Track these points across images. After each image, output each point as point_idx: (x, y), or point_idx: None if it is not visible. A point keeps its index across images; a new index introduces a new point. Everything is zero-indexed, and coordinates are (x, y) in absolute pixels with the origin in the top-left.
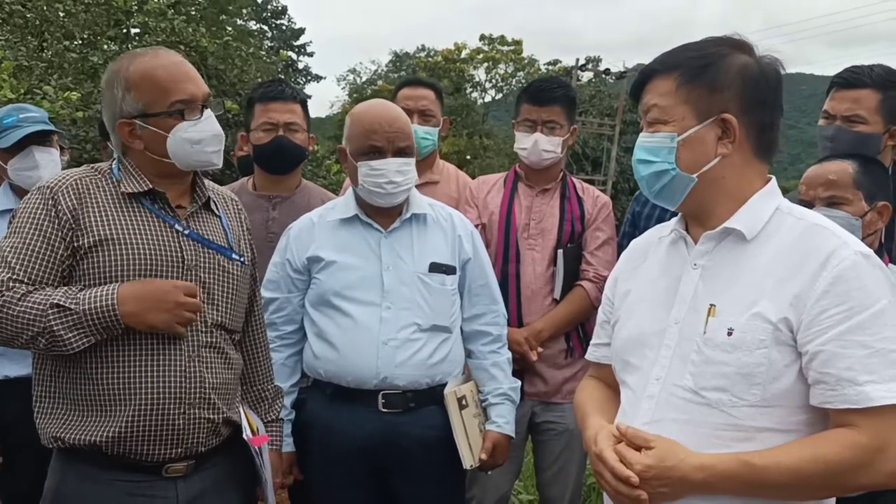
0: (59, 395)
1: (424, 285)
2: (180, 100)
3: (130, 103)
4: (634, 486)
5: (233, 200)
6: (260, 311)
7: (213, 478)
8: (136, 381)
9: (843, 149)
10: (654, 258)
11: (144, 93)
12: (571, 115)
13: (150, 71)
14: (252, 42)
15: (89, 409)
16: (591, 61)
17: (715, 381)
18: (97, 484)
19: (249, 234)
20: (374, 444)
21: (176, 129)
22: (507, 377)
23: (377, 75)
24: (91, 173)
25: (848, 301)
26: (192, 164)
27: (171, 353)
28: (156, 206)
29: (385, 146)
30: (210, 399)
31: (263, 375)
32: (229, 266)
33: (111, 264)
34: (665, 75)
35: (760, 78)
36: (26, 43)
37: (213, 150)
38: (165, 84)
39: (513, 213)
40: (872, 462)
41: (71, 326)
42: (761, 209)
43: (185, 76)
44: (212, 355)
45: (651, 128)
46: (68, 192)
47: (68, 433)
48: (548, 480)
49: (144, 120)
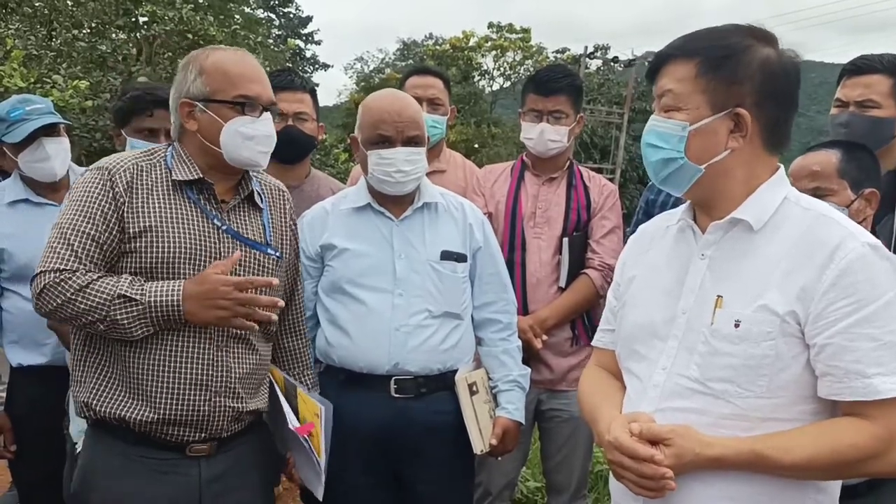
0: (95, 367)
1: (436, 273)
2: (245, 94)
3: (198, 86)
4: (659, 464)
5: (280, 191)
6: (301, 303)
7: (236, 458)
8: (166, 366)
9: (858, 134)
10: (660, 246)
11: (214, 80)
12: (577, 104)
13: (226, 63)
14: (260, 31)
15: (121, 385)
16: (599, 49)
17: (721, 373)
18: (125, 458)
19: (294, 225)
20: (386, 429)
21: (233, 121)
22: (516, 364)
23: (385, 64)
24: (147, 158)
25: (855, 293)
26: (239, 158)
27: (199, 342)
28: (201, 199)
29: (394, 135)
30: (235, 389)
31: (304, 363)
32: (265, 260)
33: (151, 253)
34: (684, 61)
35: (780, 73)
36: (35, 32)
37: (262, 151)
38: (235, 77)
39: (519, 202)
40: (885, 452)
41: (135, 317)
42: (769, 199)
43: (257, 77)
44: (239, 347)
45: (664, 113)
46: (124, 175)
47: (99, 404)
48: (554, 467)
49: (206, 104)
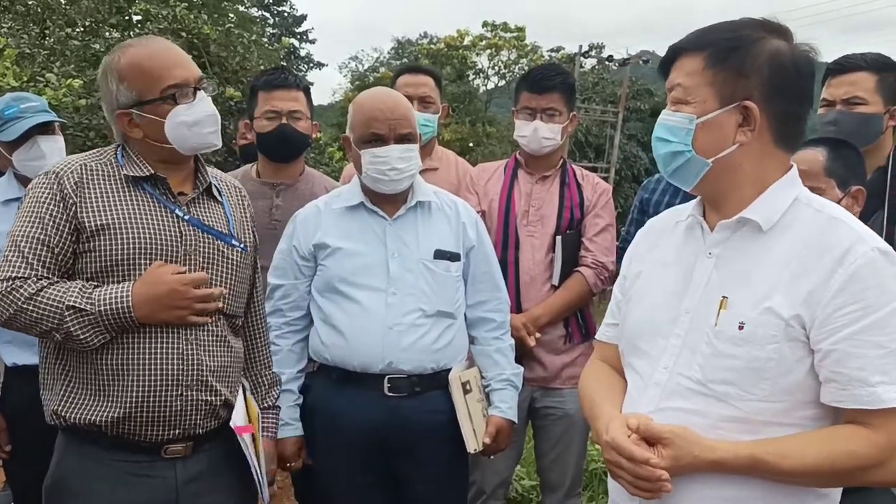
0: (62, 373)
1: (429, 272)
2: (172, 84)
3: (125, 94)
4: (656, 467)
5: (236, 188)
6: (260, 299)
7: (212, 459)
8: (134, 364)
9: (846, 132)
10: (669, 242)
11: (136, 82)
12: (570, 102)
13: (140, 60)
14: (254, 29)
15: (89, 389)
16: (594, 48)
17: (723, 375)
18: (98, 464)
19: (253, 222)
20: (380, 428)
21: (171, 115)
22: (509, 363)
23: (379, 62)
24: (95, 157)
25: (863, 300)
26: (192, 146)
27: (168, 338)
28: (157, 192)
29: (387, 133)
30: (208, 382)
31: (262, 362)
32: (229, 252)
33: (112, 250)
34: (693, 54)
35: (790, 66)
36: (28, 31)
37: (210, 131)
38: (155, 71)
39: (512, 200)
40: (886, 461)
41: (86, 326)
42: (779, 199)
43: (174, 61)
44: (210, 340)
45: (673, 106)
46: (72, 177)
47: (69, 411)
48: (548, 465)
49: (140, 108)
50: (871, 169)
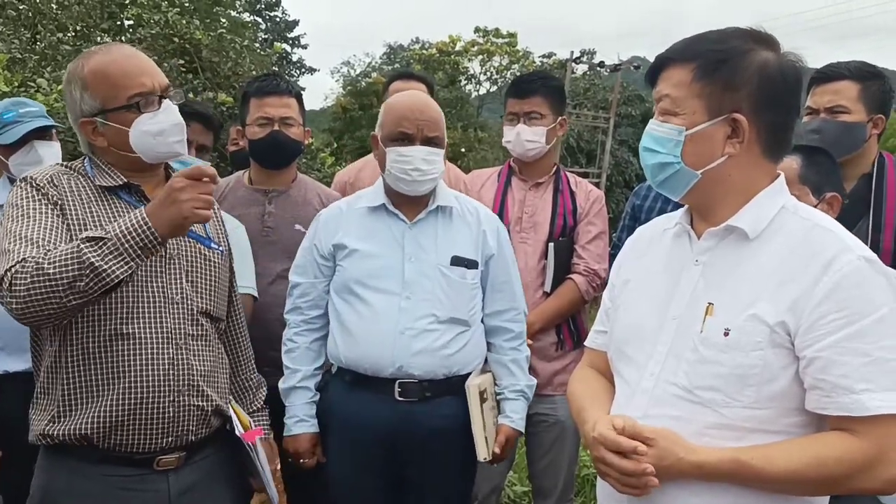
0: (52, 389)
1: (445, 278)
2: (136, 93)
3: (88, 102)
4: (642, 456)
5: None
6: (238, 302)
7: (205, 470)
8: (126, 373)
9: (829, 140)
10: (657, 249)
11: (100, 90)
12: (556, 106)
13: (103, 67)
14: (246, 34)
15: (79, 399)
16: (585, 54)
17: (709, 381)
18: (88, 479)
19: (223, 225)
20: (389, 432)
21: (135, 123)
22: (524, 374)
23: (371, 67)
24: (63, 170)
25: (848, 307)
26: (157, 155)
27: (158, 343)
28: (133, 199)
29: (414, 133)
30: (199, 387)
31: (245, 365)
32: (209, 254)
33: None
34: (682, 65)
35: (779, 78)
36: (19, 35)
37: (176, 140)
38: (119, 79)
39: (506, 207)
40: (870, 468)
41: (108, 255)
42: (766, 207)
43: (139, 69)
44: (198, 343)
45: (661, 117)
46: (48, 185)
47: (58, 428)
48: (540, 472)
49: (104, 117)
50: (856, 177)
